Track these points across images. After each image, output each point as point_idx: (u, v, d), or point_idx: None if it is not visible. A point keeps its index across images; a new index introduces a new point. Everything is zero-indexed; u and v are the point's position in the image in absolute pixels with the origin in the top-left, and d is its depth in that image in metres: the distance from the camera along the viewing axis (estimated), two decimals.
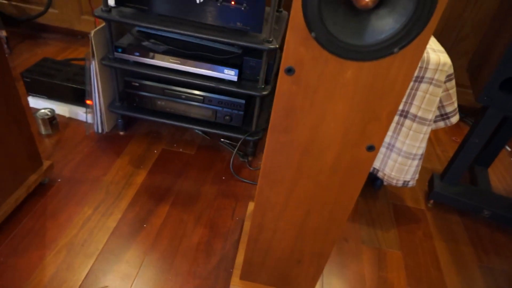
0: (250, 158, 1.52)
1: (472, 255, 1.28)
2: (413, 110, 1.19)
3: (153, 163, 1.42)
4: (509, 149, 1.92)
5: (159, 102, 1.41)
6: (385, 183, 1.37)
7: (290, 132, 0.66)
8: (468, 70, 1.43)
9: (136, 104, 1.43)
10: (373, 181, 1.51)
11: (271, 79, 1.36)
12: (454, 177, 1.40)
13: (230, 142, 1.60)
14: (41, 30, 2.21)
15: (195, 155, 1.50)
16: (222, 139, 1.61)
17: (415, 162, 1.27)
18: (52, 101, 1.57)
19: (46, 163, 1.24)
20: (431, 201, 1.47)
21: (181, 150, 1.51)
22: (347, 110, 0.62)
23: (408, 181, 1.32)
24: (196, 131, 1.62)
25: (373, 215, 1.37)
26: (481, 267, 1.25)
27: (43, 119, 1.42)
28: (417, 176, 1.31)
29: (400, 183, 1.32)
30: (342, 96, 0.61)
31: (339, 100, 0.61)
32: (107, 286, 1.00)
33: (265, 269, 0.95)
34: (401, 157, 1.27)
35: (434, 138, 1.87)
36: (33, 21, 2.13)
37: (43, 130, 1.46)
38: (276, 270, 0.94)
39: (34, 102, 1.57)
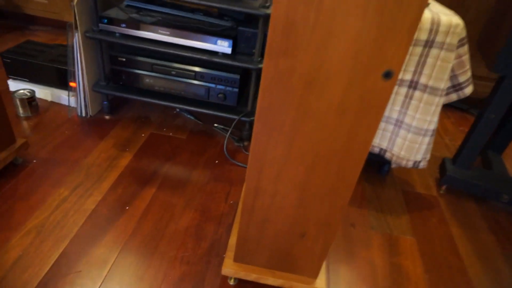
0: (245, 143, 1.40)
1: (494, 243, 1.15)
2: (423, 80, 1.09)
3: (140, 147, 1.30)
4: None
5: (147, 80, 1.30)
6: (393, 166, 1.26)
7: (290, 55, 0.55)
8: (479, 45, 1.34)
9: (122, 82, 1.33)
10: (380, 167, 1.39)
11: None
12: (468, 159, 1.29)
13: (224, 127, 1.48)
14: (29, 21, 2.13)
15: (187, 139, 1.38)
16: (215, 125, 1.50)
17: (427, 139, 1.16)
18: (33, 85, 1.46)
19: (19, 141, 1.11)
20: (444, 187, 1.35)
21: (171, 134, 1.40)
22: (359, 24, 0.52)
23: (419, 161, 1.20)
24: (188, 116, 1.51)
25: (381, 201, 1.25)
26: (505, 255, 1.11)
27: (21, 99, 1.31)
28: (428, 156, 1.20)
29: (410, 164, 1.20)
30: (353, 5, 0.50)
31: (350, 11, 0.51)
32: (80, 271, 0.86)
33: (262, 248, 0.82)
34: (411, 134, 1.15)
35: (441, 128, 1.77)
36: (21, 13, 2.06)
37: (21, 112, 1.34)
38: (276, 248, 0.81)
39: (15, 85, 1.47)
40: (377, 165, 1.41)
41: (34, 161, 1.16)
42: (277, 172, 0.69)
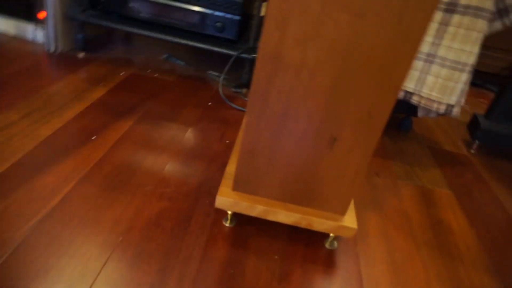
0: (245, 90, 1.19)
1: None
2: (463, 0, 0.91)
3: (117, 83, 1.07)
4: None
5: (131, 3, 1.09)
6: (420, 114, 1.06)
7: None
8: None
9: (101, 7, 1.11)
10: (401, 122, 1.20)
11: None
12: (505, 111, 1.10)
13: (220, 74, 1.27)
14: None
15: (175, 82, 1.16)
16: (210, 71, 1.29)
17: (464, 76, 0.97)
18: None
19: None
20: (475, 146, 1.15)
21: (157, 75, 1.18)
22: None
23: (453, 106, 1.01)
24: (178, 62, 1.29)
25: (406, 154, 1.04)
26: None
27: None
28: (463, 100, 1.01)
29: (442, 109, 1.00)
30: None
31: None
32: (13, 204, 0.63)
33: (273, 169, 0.59)
34: (446, 69, 0.96)
35: None
36: None
37: None
38: (293, 168, 0.59)
39: None
40: (398, 120, 1.21)
41: None
42: (303, 34, 0.48)
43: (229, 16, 1.06)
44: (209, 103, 1.08)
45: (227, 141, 0.92)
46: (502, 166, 1.10)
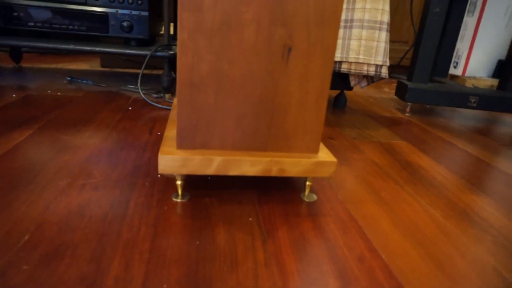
0: (168, 95, 1.07)
1: (490, 141, 0.97)
2: None
3: (8, 103, 0.87)
4: None
5: (15, 13, 0.93)
6: (352, 84, 1.05)
7: None
8: None
9: None
10: (335, 99, 1.18)
11: None
12: (425, 70, 1.15)
13: (136, 88, 1.14)
14: None
15: (84, 96, 0.99)
16: (125, 86, 1.14)
17: (383, 34, 0.99)
18: None
19: None
20: (408, 108, 1.17)
21: (59, 94, 0.99)
22: None
23: (381, 66, 1.01)
24: (85, 82, 1.12)
25: (351, 122, 1.00)
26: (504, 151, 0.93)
27: None
28: (387, 60, 1.02)
29: (372, 70, 1.00)
30: None
31: None
32: None
33: (224, 108, 0.48)
34: (366, 30, 0.98)
35: (375, 86, 1.67)
36: None
37: None
38: (247, 98, 0.48)
39: None
40: (331, 99, 1.19)
41: None
42: None
43: (136, 12, 0.96)
44: (129, 108, 0.93)
45: (158, 133, 0.77)
46: (436, 120, 1.12)
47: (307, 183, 0.55)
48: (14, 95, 0.94)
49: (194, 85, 0.47)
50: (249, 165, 0.50)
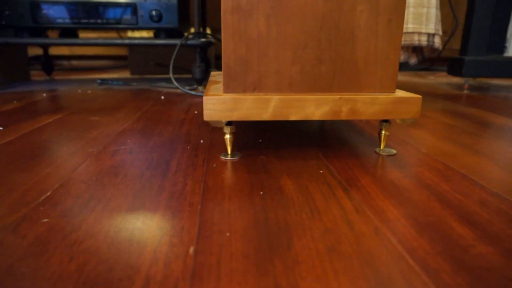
0: (201, 88, 1.00)
1: None
2: None
3: (34, 101, 0.83)
4: None
5: (43, 11, 0.90)
6: (401, 59, 0.94)
7: None
8: None
9: (3, 23, 0.91)
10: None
11: None
12: (481, 40, 1.03)
13: (168, 84, 1.08)
14: None
15: (115, 92, 0.94)
16: (155, 84, 1.09)
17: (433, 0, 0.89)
18: None
19: None
20: (466, 85, 1.04)
21: (90, 91, 0.95)
22: None
23: (434, 35, 0.91)
24: (115, 83, 1.08)
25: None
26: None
27: None
28: (440, 29, 0.92)
29: (424, 40, 0.90)
30: None
31: None
32: None
33: (279, 40, 0.39)
34: None
35: (415, 76, 1.54)
36: None
37: None
38: (307, 26, 0.39)
39: None
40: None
41: None
42: None
43: (164, 1, 0.91)
44: (162, 97, 0.86)
45: (195, 112, 0.69)
46: (499, 95, 0.99)
47: (383, 132, 0.44)
48: (44, 94, 0.90)
49: (242, 9, 0.39)
50: (313, 106, 0.40)
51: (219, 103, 0.39)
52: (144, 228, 0.27)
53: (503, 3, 1.21)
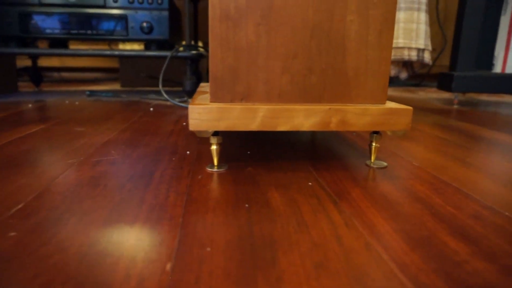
0: (190, 100, 0.99)
1: None
2: None
3: (18, 111, 0.81)
4: None
5: (32, 21, 0.89)
6: (392, 73, 0.95)
7: None
8: None
9: None
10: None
11: None
12: (470, 56, 1.04)
13: (158, 96, 1.07)
14: None
15: (103, 104, 0.92)
16: (144, 96, 1.07)
17: (422, 15, 0.90)
18: None
19: None
20: (456, 100, 1.05)
21: (77, 103, 0.93)
22: None
23: (423, 50, 0.92)
24: (103, 94, 1.06)
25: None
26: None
27: None
28: (429, 44, 0.93)
29: (413, 55, 0.91)
30: None
31: None
32: None
33: (269, 46, 0.38)
34: (403, 11, 0.89)
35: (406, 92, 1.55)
36: None
37: None
38: (297, 35, 0.38)
39: None
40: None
41: None
42: None
43: (156, 13, 0.91)
44: (151, 109, 0.85)
45: (184, 123, 0.68)
46: (487, 110, 1.00)
47: (374, 144, 0.43)
48: (30, 105, 0.88)
49: (230, 17, 0.38)
50: (302, 116, 0.39)
51: (205, 113, 0.38)
52: (119, 242, 0.25)
53: (490, 23, 1.24)
